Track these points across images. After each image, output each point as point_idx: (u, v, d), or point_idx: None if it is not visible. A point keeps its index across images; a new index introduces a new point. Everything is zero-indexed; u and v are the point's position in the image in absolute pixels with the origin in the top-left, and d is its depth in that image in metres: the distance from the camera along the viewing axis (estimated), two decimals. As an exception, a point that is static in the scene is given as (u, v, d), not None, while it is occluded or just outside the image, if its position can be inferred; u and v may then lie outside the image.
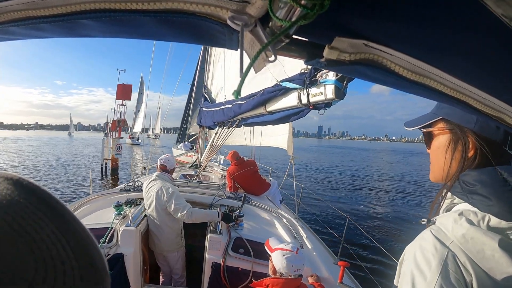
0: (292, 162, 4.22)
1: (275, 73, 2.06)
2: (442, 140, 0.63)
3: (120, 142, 14.62)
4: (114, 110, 19.44)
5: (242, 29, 0.31)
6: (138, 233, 2.05)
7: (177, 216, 2.16)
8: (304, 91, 1.67)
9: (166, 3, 0.31)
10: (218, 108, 3.48)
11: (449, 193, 0.60)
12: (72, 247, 0.18)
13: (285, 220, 2.59)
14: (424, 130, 0.68)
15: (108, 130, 17.79)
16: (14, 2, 0.35)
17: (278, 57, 0.35)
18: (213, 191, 2.91)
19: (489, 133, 0.56)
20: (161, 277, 2.48)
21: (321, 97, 1.54)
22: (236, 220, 2.25)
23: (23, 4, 0.35)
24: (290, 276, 1.38)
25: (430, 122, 0.65)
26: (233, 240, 2.04)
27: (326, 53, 0.35)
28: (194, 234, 2.83)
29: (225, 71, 3.94)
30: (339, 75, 1.43)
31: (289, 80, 1.80)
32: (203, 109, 4.34)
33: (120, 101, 18.75)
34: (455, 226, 0.51)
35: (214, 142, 4.09)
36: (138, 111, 45.65)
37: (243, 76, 0.31)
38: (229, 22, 0.31)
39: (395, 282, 0.59)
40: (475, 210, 0.52)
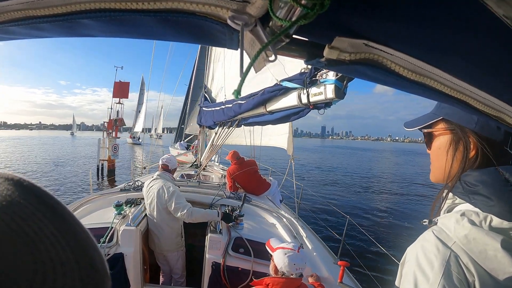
0: (292, 162, 4.22)
1: (275, 73, 2.06)
2: (443, 140, 0.63)
3: (117, 142, 14.04)
4: (111, 108, 17.96)
5: (242, 28, 0.31)
6: (138, 232, 2.05)
7: (177, 215, 2.16)
8: (304, 91, 1.67)
9: (166, 3, 0.31)
10: (218, 108, 3.48)
11: (450, 193, 0.60)
12: (72, 249, 0.18)
13: (285, 220, 2.59)
14: (425, 131, 0.67)
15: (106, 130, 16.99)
16: (14, 1, 0.35)
17: (278, 56, 0.35)
18: (213, 190, 2.91)
19: (489, 133, 0.56)
20: (161, 277, 2.48)
21: (321, 97, 1.54)
22: (236, 219, 2.25)
23: (23, 4, 0.35)
24: (291, 275, 1.38)
25: (430, 122, 0.65)
26: (233, 239, 2.04)
27: (326, 53, 0.35)
28: (194, 233, 2.83)
29: (225, 71, 3.94)
30: (339, 74, 1.43)
31: (289, 79, 1.79)
32: (203, 108, 4.34)
33: (117, 99, 17.67)
34: (457, 227, 0.51)
35: (214, 141, 4.10)
36: (139, 111, 46.26)
37: (243, 76, 0.31)
38: (229, 22, 0.31)
39: (396, 283, 0.59)
40: (476, 210, 0.52)
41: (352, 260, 2.66)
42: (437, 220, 0.57)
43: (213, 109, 3.72)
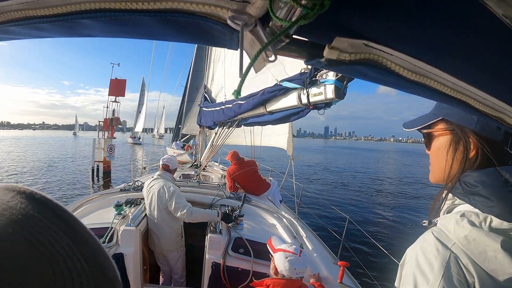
0: (292, 162, 4.23)
1: (275, 73, 2.06)
2: (442, 141, 0.63)
3: (113, 142, 13.28)
4: (107, 107, 16.90)
5: (242, 29, 0.31)
6: (138, 233, 2.05)
7: (177, 215, 2.16)
8: (304, 91, 1.67)
9: (166, 3, 0.31)
10: (218, 108, 3.48)
11: (450, 194, 0.60)
12: (86, 259, 0.19)
13: (285, 220, 2.59)
14: (424, 131, 0.67)
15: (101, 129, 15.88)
16: (14, 1, 0.35)
17: (278, 57, 0.35)
18: (213, 191, 2.91)
19: (489, 133, 0.56)
20: (161, 277, 2.48)
21: (321, 97, 1.54)
22: (236, 220, 2.25)
23: (23, 4, 0.35)
24: (291, 277, 1.38)
25: (430, 122, 0.65)
26: (233, 240, 2.04)
27: (326, 53, 0.35)
28: (194, 234, 2.83)
29: (225, 71, 3.94)
30: (339, 75, 1.43)
31: (289, 80, 1.80)
32: (203, 109, 4.34)
33: (113, 97, 16.62)
34: (457, 228, 0.51)
35: (214, 142, 4.10)
36: (140, 111, 47.34)
37: (243, 76, 0.31)
38: (229, 22, 0.31)
39: (396, 284, 0.59)
40: (476, 211, 0.52)
41: (352, 260, 2.66)
42: (437, 221, 0.57)
43: (213, 109, 3.72)
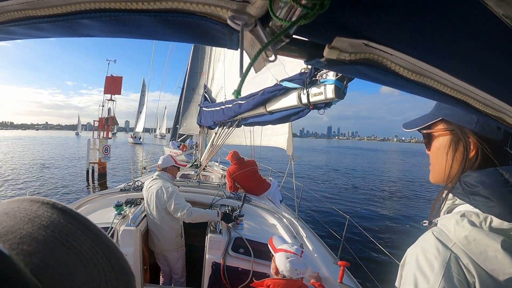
0: (292, 162, 4.23)
1: (275, 73, 2.06)
2: (442, 141, 0.63)
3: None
4: (103, 106, 15.86)
5: (242, 29, 0.31)
6: (138, 232, 2.05)
7: (177, 216, 2.16)
8: (304, 91, 1.67)
9: (166, 3, 0.31)
10: (218, 108, 3.48)
11: (450, 194, 0.60)
12: (108, 257, 0.22)
13: (285, 220, 2.59)
14: (424, 132, 0.67)
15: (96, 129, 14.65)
16: (14, 2, 0.35)
17: (278, 57, 0.35)
18: (213, 191, 2.91)
19: (489, 133, 0.56)
20: (161, 277, 2.48)
21: (321, 97, 1.54)
22: (236, 220, 2.25)
23: (23, 4, 0.35)
24: (292, 278, 1.38)
25: (429, 123, 0.65)
26: (233, 240, 2.04)
27: (326, 53, 0.35)
28: (194, 234, 2.83)
29: (225, 71, 3.94)
30: (339, 75, 1.43)
31: (289, 80, 1.79)
32: (203, 109, 4.34)
33: (109, 95, 15.64)
34: (457, 228, 0.51)
35: (214, 142, 4.10)
36: (140, 112, 48.69)
37: (243, 76, 0.31)
38: (229, 22, 0.31)
39: (396, 284, 0.59)
40: (476, 211, 0.52)
41: (352, 260, 2.66)
42: (437, 221, 0.57)
43: (213, 109, 3.72)
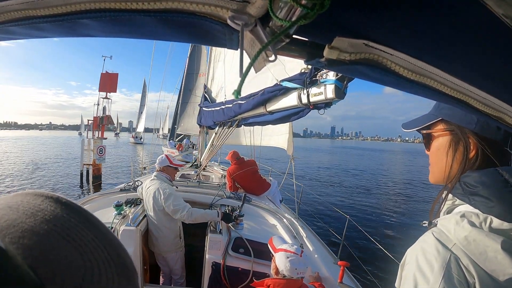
0: (292, 162, 4.23)
1: (275, 73, 2.06)
2: (442, 141, 0.62)
3: (103, 144, 11.77)
4: (98, 104, 14.73)
5: (242, 28, 0.31)
6: (138, 232, 2.05)
7: (176, 217, 2.16)
8: (304, 91, 1.67)
9: (166, 3, 0.31)
10: (218, 108, 3.48)
11: (450, 194, 0.60)
12: (108, 251, 0.23)
13: (285, 220, 2.59)
14: (423, 132, 0.67)
15: (85, 129, 13.70)
16: (14, 1, 0.35)
17: (278, 56, 0.35)
18: (213, 191, 2.91)
19: (489, 133, 0.55)
20: (161, 277, 2.48)
21: (321, 97, 1.54)
22: (236, 220, 2.25)
23: (23, 4, 0.35)
24: (292, 277, 1.38)
25: (429, 123, 0.65)
26: (233, 240, 2.04)
27: (326, 53, 0.35)
28: (194, 234, 2.83)
29: (225, 71, 3.94)
30: (339, 75, 1.43)
31: (289, 80, 1.79)
32: (203, 109, 4.34)
33: (104, 93, 14.44)
34: (457, 228, 0.51)
35: (214, 142, 4.09)
36: (141, 112, 49.28)
37: (243, 76, 0.31)
38: (229, 22, 0.31)
39: (396, 284, 0.59)
40: (476, 211, 0.52)
41: (352, 260, 2.66)
42: (437, 221, 0.57)
43: (213, 109, 3.72)
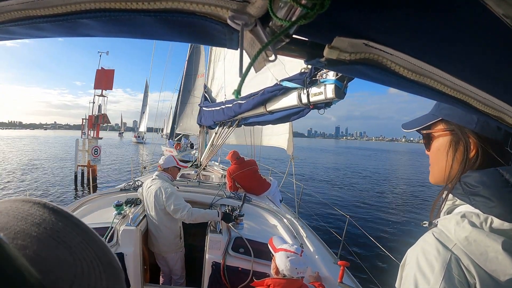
0: (292, 162, 4.23)
1: (275, 73, 2.06)
2: (442, 141, 0.62)
3: (98, 144, 11.19)
4: (93, 102, 13.79)
5: (242, 28, 0.31)
6: (138, 232, 2.05)
7: (177, 217, 2.16)
8: (304, 91, 1.67)
9: (166, 3, 0.31)
10: (218, 108, 3.48)
11: (450, 195, 0.60)
12: (96, 252, 0.24)
13: (285, 219, 2.59)
14: (424, 132, 0.67)
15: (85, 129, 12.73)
16: (14, 1, 0.35)
17: (278, 56, 0.35)
18: (213, 190, 2.91)
19: (490, 133, 0.55)
20: (161, 277, 2.48)
21: (321, 97, 1.54)
22: (236, 219, 2.25)
23: (23, 4, 0.35)
24: (292, 277, 1.38)
25: (429, 123, 0.64)
26: (233, 239, 2.04)
27: (326, 52, 0.35)
28: (194, 233, 2.83)
29: (225, 71, 3.94)
30: (339, 74, 1.43)
31: (289, 79, 1.79)
32: (203, 108, 4.34)
33: (99, 91, 13.65)
34: (458, 229, 0.51)
35: (214, 141, 4.10)
36: (143, 112, 50.53)
37: (243, 76, 0.31)
38: (229, 22, 0.31)
39: (396, 285, 0.58)
40: (477, 212, 0.52)
41: (352, 260, 2.66)
42: (437, 222, 0.57)
43: (213, 109, 3.72)
